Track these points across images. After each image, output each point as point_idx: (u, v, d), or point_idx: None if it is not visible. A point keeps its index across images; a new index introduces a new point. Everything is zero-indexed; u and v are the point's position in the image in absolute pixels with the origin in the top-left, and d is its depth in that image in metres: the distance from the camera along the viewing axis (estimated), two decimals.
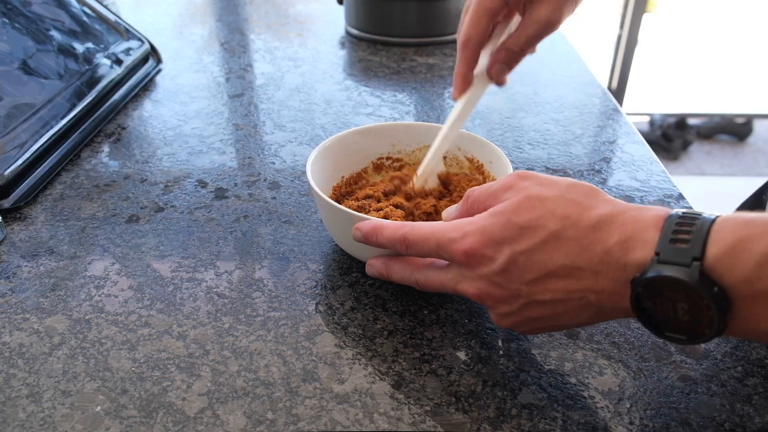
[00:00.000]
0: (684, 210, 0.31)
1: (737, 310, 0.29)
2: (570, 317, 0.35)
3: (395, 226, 0.40)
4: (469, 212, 0.39)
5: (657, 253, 0.30)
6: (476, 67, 0.51)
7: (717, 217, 0.30)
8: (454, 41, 0.97)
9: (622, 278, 0.31)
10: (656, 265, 0.29)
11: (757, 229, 0.28)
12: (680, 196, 0.58)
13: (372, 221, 0.42)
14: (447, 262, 0.39)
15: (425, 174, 0.52)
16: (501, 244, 0.34)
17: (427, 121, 0.73)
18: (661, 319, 0.31)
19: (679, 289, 0.29)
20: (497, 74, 0.51)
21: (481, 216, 0.36)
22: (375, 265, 0.43)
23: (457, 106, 0.52)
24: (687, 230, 0.29)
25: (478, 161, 0.54)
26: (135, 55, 0.82)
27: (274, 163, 0.64)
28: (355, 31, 1.00)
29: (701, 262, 0.29)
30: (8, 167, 0.56)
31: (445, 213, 0.43)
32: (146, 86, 0.82)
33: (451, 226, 0.37)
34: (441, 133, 0.52)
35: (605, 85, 1.48)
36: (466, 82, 0.52)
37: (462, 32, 0.50)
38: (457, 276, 0.37)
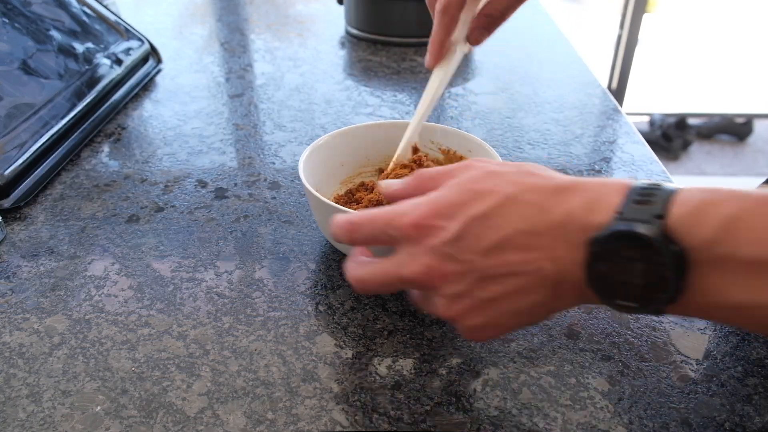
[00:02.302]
0: (649, 180, 0.30)
1: (694, 277, 0.28)
2: (524, 298, 0.32)
3: (345, 214, 0.37)
4: (418, 189, 0.36)
5: (619, 213, 0.29)
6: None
7: (682, 188, 0.29)
8: None
9: (581, 241, 0.30)
10: (617, 222, 0.29)
11: (722, 196, 0.27)
12: None
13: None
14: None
15: (401, 156, 0.51)
16: (454, 211, 0.32)
17: (428, 121, 0.73)
18: (614, 283, 0.29)
19: (637, 247, 0.28)
20: (476, 39, 0.50)
21: (434, 191, 0.34)
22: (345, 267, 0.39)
23: (435, 79, 0.50)
24: (651, 193, 0.29)
25: (455, 152, 0.54)
26: (135, 55, 0.82)
27: (274, 163, 0.64)
28: (355, 31, 1.00)
29: (664, 220, 0.28)
30: (8, 167, 0.56)
31: (385, 183, 0.39)
32: (146, 86, 0.82)
33: (401, 204, 0.35)
34: (421, 109, 0.51)
35: (605, 85, 1.48)
36: (444, 49, 0.50)
37: None
38: (402, 258, 0.34)
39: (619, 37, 2.16)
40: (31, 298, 0.46)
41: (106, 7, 0.85)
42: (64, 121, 0.65)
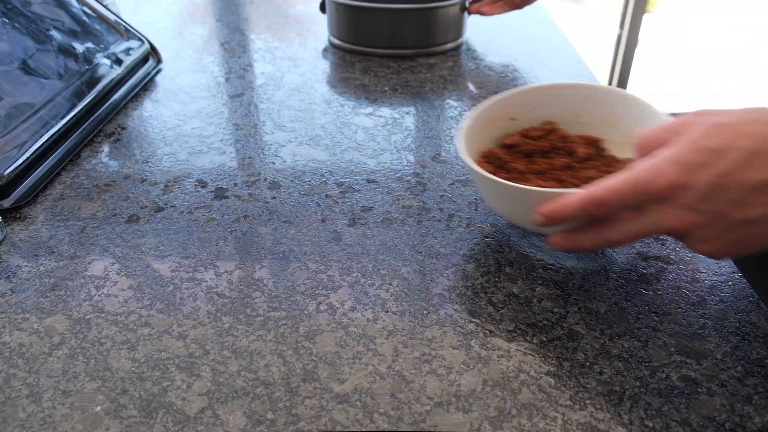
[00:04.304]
0: None
1: None
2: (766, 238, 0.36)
3: (577, 195, 0.39)
4: (643, 152, 0.39)
5: None
6: None
7: None
8: (454, 48, 0.97)
9: None
10: None
11: None
12: None
13: (549, 202, 0.41)
14: (633, 213, 0.39)
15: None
16: (696, 170, 0.35)
17: (427, 122, 0.73)
18: None
19: None
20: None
21: (664, 150, 0.36)
22: (558, 243, 0.44)
23: None
24: None
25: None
26: (135, 55, 0.82)
27: (274, 163, 0.65)
28: (337, 42, 0.96)
29: None
30: (8, 167, 0.56)
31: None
32: (146, 86, 0.82)
33: (637, 170, 0.37)
34: None
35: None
36: None
37: None
38: (654, 216, 0.38)
39: (619, 37, 2.16)
40: (31, 298, 0.46)
41: (106, 7, 0.85)
42: (64, 121, 0.65)
